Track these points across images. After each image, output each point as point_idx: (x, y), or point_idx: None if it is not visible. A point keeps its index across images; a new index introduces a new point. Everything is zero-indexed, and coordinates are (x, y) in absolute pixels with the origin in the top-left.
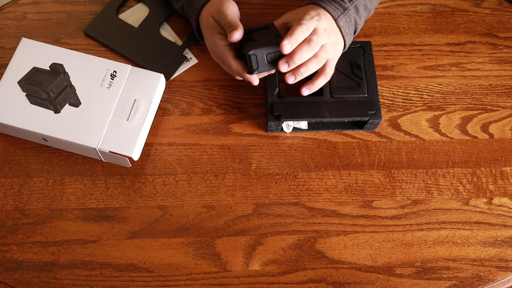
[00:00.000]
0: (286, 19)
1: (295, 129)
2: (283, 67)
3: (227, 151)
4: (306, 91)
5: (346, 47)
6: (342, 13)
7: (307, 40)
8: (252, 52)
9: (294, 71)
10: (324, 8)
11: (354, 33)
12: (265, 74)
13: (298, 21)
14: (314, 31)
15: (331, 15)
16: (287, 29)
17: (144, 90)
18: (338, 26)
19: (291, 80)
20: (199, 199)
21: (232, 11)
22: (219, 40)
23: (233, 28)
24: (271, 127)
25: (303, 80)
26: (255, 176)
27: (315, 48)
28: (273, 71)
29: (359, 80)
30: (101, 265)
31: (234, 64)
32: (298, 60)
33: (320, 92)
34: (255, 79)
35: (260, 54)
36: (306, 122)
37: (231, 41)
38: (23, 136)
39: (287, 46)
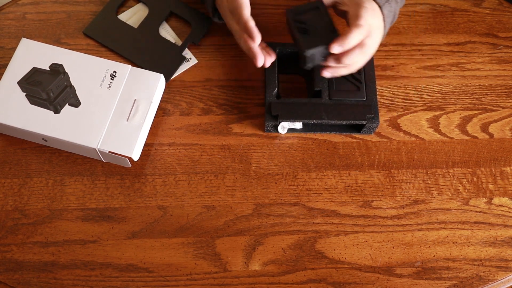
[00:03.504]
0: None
1: (290, 130)
2: (327, 73)
3: (227, 151)
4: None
5: (384, 36)
6: (386, 1)
7: (360, 45)
8: (311, 52)
9: (336, 68)
10: None
11: (391, 22)
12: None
13: (355, 20)
14: (368, 33)
15: (377, 2)
16: (337, 11)
17: (144, 90)
18: (382, 13)
19: (327, 75)
20: (199, 199)
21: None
22: None
23: (252, 36)
24: (268, 127)
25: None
26: (255, 176)
27: (368, 53)
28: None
29: (358, 83)
30: (101, 265)
31: (249, 23)
32: (347, 61)
33: (318, 94)
34: (260, 58)
35: (317, 54)
36: (301, 122)
37: (258, 66)
38: (23, 136)
39: (338, 49)
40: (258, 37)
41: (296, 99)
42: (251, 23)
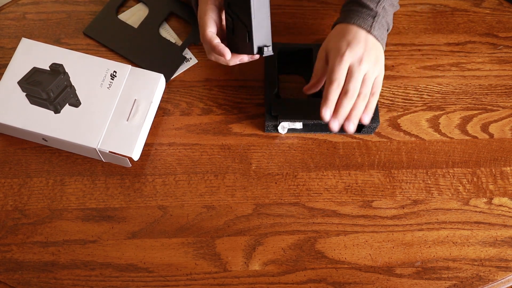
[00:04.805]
0: (325, 52)
1: (290, 130)
2: (334, 126)
3: (227, 151)
4: (362, 120)
5: (384, 49)
6: (373, 21)
7: (343, 92)
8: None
9: (348, 117)
10: (354, 24)
11: (387, 30)
12: (246, 60)
13: (329, 75)
14: (350, 73)
15: (363, 28)
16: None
17: (144, 90)
18: (373, 36)
19: (351, 128)
20: (199, 199)
21: (213, 29)
22: (209, 10)
23: (221, 54)
24: (268, 127)
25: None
26: (255, 176)
27: (354, 94)
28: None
29: None
30: (101, 265)
31: (213, 42)
32: (344, 113)
33: (318, 94)
34: (228, 53)
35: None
36: (301, 122)
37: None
38: (23, 136)
39: (327, 113)
40: (228, 54)
41: (296, 99)
42: (215, 42)
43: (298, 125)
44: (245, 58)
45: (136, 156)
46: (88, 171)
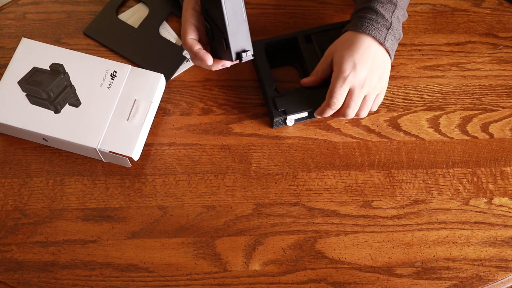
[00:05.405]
0: (330, 58)
1: (296, 120)
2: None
3: (227, 151)
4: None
5: (392, 59)
6: (387, 33)
7: (341, 114)
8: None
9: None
10: (368, 34)
11: (398, 40)
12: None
13: (329, 96)
14: (350, 95)
15: (376, 40)
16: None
17: (144, 90)
18: (385, 48)
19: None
20: (199, 199)
21: (194, 36)
22: (189, 16)
23: (203, 60)
24: (276, 123)
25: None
26: (255, 176)
27: (352, 115)
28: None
29: None
30: (101, 265)
31: (194, 48)
32: (350, 116)
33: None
34: (209, 59)
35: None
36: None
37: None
38: (23, 136)
39: (319, 116)
40: (209, 60)
41: (297, 90)
42: (196, 48)
43: (304, 114)
44: (227, 63)
45: (136, 156)
46: (88, 171)
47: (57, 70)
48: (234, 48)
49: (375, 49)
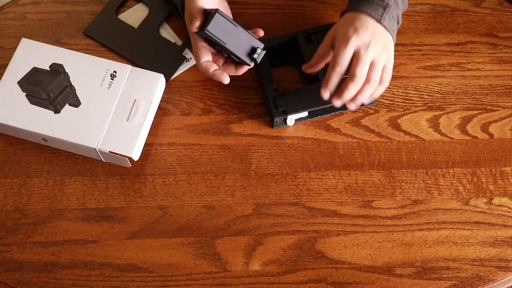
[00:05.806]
0: (332, 37)
1: (297, 120)
2: (337, 104)
3: (227, 151)
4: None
5: (394, 42)
6: (383, 12)
7: (350, 77)
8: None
9: (353, 99)
10: (363, 12)
11: (397, 23)
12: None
13: (333, 58)
14: (356, 58)
15: (373, 17)
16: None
17: (144, 90)
18: (383, 26)
19: (352, 107)
20: (199, 199)
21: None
22: (197, 40)
23: (220, 80)
24: (277, 123)
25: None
26: (255, 176)
27: (361, 79)
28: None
29: None
30: (101, 265)
31: (209, 71)
32: (348, 96)
33: (315, 79)
34: (226, 78)
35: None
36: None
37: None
38: (23, 136)
39: (326, 95)
40: (226, 80)
41: (296, 89)
42: (211, 71)
43: (304, 113)
44: (239, 71)
45: (136, 156)
46: (88, 171)
47: (57, 70)
48: (243, 56)
49: (374, 24)
